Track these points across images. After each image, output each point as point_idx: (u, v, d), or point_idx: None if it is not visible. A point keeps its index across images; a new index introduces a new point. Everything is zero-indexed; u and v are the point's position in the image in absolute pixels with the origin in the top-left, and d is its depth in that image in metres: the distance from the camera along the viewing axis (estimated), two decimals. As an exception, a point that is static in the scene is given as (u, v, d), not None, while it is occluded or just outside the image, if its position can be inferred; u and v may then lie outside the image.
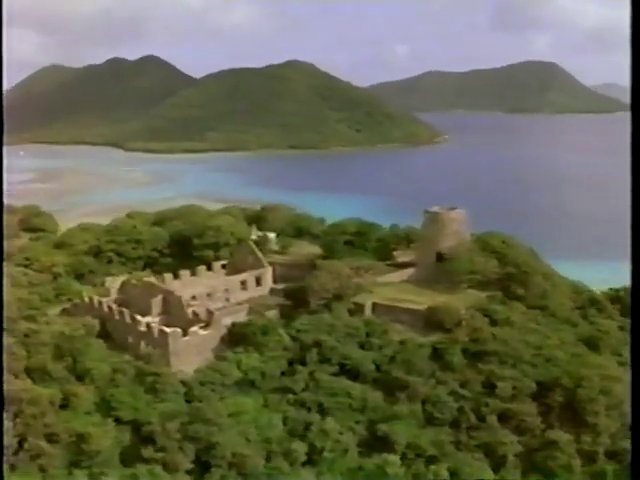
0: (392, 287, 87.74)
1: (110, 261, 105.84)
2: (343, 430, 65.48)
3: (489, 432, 65.50)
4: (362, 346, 75.31)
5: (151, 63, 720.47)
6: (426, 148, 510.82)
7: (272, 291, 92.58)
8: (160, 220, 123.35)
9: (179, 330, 72.97)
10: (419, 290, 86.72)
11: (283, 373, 73.20)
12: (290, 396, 69.77)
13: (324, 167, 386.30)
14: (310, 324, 76.50)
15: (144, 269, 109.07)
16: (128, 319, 78.43)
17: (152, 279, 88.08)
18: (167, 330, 72.49)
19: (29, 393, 63.00)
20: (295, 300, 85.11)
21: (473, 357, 73.83)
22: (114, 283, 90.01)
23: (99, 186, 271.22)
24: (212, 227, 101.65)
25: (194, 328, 74.87)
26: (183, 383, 69.61)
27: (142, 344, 76.50)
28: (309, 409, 68.43)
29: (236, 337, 76.41)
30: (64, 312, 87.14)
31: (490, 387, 70.36)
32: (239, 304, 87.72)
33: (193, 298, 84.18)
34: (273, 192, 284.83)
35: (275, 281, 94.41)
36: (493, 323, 78.39)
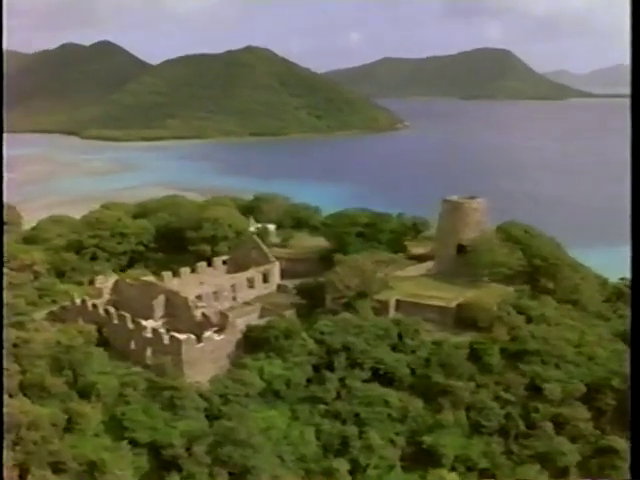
0: (411, 282, 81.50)
1: (94, 257, 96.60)
2: (384, 443, 59.14)
3: (544, 440, 60.00)
4: (393, 348, 68.90)
5: (105, 48, 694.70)
6: (388, 134, 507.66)
7: (279, 288, 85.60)
8: (142, 212, 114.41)
9: (193, 336, 65.20)
10: (440, 285, 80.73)
11: (309, 381, 66.29)
12: (321, 407, 62.98)
13: (288, 154, 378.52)
14: (335, 325, 69.59)
15: (130, 265, 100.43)
16: (130, 324, 70.22)
17: (151, 278, 79.83)
18: (180, 337, 64.62)
19: (28, 415, 54.64)
20: (310, 298, 78.29)
21: (512, 357, 68.27)
22: (106, 282, 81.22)
23: (59, 176, 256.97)
24: (209, 219, 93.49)
25: (208, 333, 67.21)
26: (201, 396, 61.94)
27: (148, 352, 68.55)
28: (344, 421, 61.84)
29: (253, 342, 69.04)
30: (51, 316, 78.13)
31: (535, 390, 64.97)
32: (247, 304, 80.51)
33: (198, 298, 76.30)
34: (241, 180, 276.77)
35: (281, 277, 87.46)
36: (527, 320, 73.06)
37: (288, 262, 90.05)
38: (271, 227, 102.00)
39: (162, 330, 67.00)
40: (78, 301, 75.92)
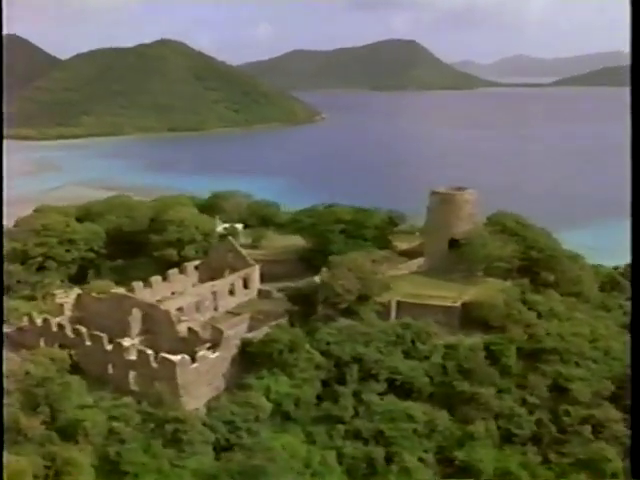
0: (405, 281, 75.97)
1: (41, 267, 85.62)
2: (419, 464, 53.35)
3: (582, 446, 55.83)
4: (405, 355, 63.12)
5: (11, 43, 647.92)
6: (307, 127, 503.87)
7: (260, 294, 78.10)
8: (85, 215, 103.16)
9: (187, 357, 56.96)
10: (435, 282, 75.53)
11: (319, 398, 59.56)
12: (339, 426, 56.42)
13: (208, 149, 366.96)
14: (341, 334, 63.18)
15: (80, 274, 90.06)
16: (107, 345, 61.06)
17: (121, 289, 70.45)
18: (173, 358, 56.21)
19: (5, 470, 45.03)
20: (300, 304, 71.22)
21: (529, 357, 64.11)
22: (66, 297, 71.03)
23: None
24: (173, 221, 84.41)
25: (202, 352, 59.05)
26: (204, 426, 53.92)
27: (130, 378, 59.72)
28: (366, 440, 55.61)
29: (251, 357, 61.40)
30: (4, 339, 67.39)
31: (559, 391, 60.95)
32: (230, 313, 72.63)
33: (179, 310, 67.72)
34: (165, 177, 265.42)
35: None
36: (537, 316, 69.13)
37: (264, 264, 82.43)
38: (239, 227, 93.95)
39: (149, 351, 58.24)
40: (39, 321, 65.71)
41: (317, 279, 73.52)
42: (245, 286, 76.91)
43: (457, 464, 54.37)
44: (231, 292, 75.16)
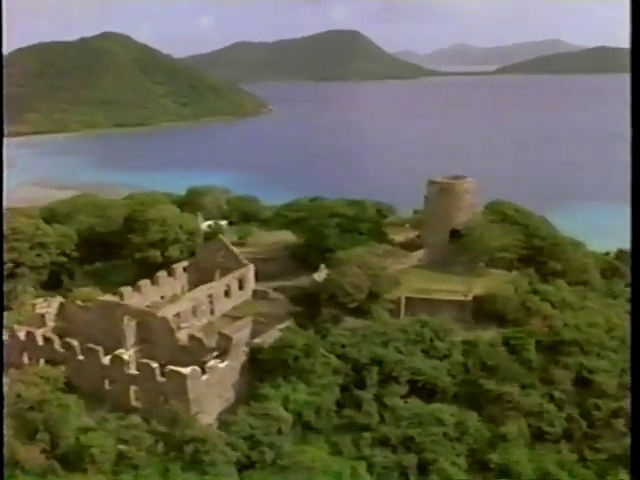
0: (408, 275, 72.62)
1: (12, 275, 78.76)
2: (458, 470, 50.06)
3: (617, 440, 53.42)
4: (425, 354, 59.74)
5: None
6: (254, 119, 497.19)
7: (256, 294, 73.53)
8: (51, 216, 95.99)
9: (197, 369, 52.07)
10: (439, 275, 72.58)
11: (338, 404, 55.59)
12: (366, 434, 52.59)
13: (158, 144, 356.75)
14: (355, 335, 59.32)
15: (53, 280, 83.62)
16: (104, 359, 55.56)
17: (108, 296, 64.71)
18: (183, 371, 51.24)
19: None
20: (301, 305, 67.01)
21: (549, 350, 61.63)
22: (47, 306, 64.91)
23: None
24: (156, 220, 78.61)
25: (212, 362, 54.22)
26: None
27: (131, 393, 54.49)
28: (394, 448, 52.00)
29: (262, 365, 56.82)
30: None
31: (583, 384, 58.66)
32: (232, 317, 67.79)
33: (177, 316, 62.59)
34: (118, 174, 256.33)
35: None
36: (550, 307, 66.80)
37: (257, 263, 77.60)
38: (223, 223, 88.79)
39: (154, 364, 53.02)
40: (22, 334, 59.54)
41: (316, 277, 69.70)
42: (240, 287, 72.17)
43: (492, 467, 51.29)
44: (226, 294, 70.37)
